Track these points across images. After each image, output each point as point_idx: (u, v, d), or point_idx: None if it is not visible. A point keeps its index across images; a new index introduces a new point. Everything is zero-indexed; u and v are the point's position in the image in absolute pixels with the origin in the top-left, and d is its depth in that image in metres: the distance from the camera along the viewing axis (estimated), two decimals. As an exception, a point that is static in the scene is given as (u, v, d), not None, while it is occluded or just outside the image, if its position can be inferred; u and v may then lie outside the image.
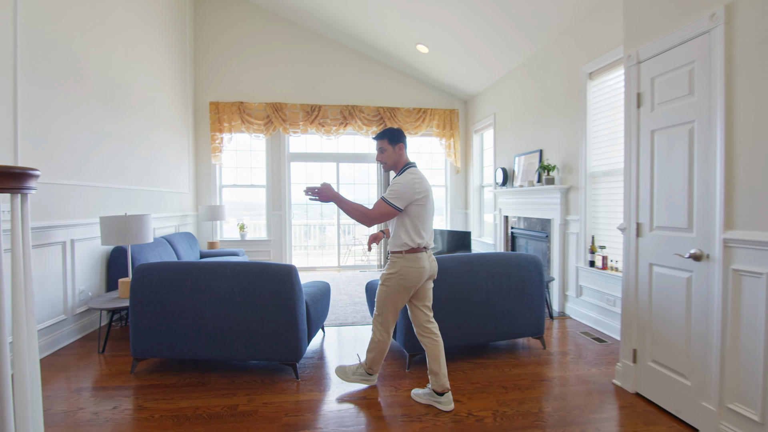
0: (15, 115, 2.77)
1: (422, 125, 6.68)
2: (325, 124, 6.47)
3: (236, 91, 6.37)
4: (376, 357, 2.50)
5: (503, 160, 5.64)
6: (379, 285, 2.40)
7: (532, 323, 3.09)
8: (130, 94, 4.34)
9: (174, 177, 5.55)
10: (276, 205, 6.58)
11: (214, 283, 2.60)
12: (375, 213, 2.29)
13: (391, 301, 2.35)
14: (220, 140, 6.26)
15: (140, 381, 2.63)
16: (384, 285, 2.36)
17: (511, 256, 3.04)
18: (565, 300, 4.21)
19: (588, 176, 3.87)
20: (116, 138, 4.06)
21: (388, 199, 2.30)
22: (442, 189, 7.17)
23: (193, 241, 5.46)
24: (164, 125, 5.24)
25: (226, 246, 6.47)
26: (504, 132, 5.63)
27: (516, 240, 5.32)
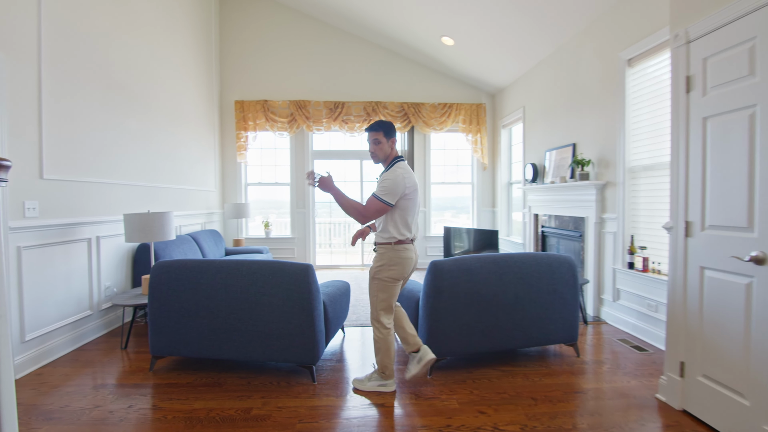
0: (39, 114, 2.81)
1: (447, 121, 6.49)
2: (349, 121, 6.38)
3: (260, 89, 6.38)
4: (383, 357, 2.42)
5: (533, 156, 5.37)
6: (371, 281, 2.39)
7: (565, 329, 2.87)
8: (155, 92, 4.38)
9: (200, 175, 5.60)
10: (300, 203, 6.56)
11: (229, 282, 2.54)
12: (369, 211, 2.30)
13: (384, 294, 2.36)
14: (245, 138, 6.29)
15: (158, 379, 2.61)
16: (375, 279, 2.36)
17: (542, 256, 2.83)
18: (601, 304, 3.93)
19: (627, 171, 3.59)
20: (141, 136, 4.10)
21: (379, 196, 2.29)
22: (468, 186, 6.95)
23: (218, 238, 5.50)
24: (190, 123, 5.29)
25: (251, 243, 6.50)
26: (534, 126, 5.37)
27: (547, 239, 5.05)
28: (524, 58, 5.23)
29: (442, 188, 6.98)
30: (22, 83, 2.66)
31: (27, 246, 2.68)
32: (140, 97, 4.08)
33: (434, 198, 6.89)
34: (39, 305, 2.80)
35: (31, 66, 2.74)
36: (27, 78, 2.71)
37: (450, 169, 6.92)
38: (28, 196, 2.71)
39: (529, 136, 5.50)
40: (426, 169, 6.70)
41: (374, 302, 2.39)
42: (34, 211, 2.74)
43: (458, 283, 2.61)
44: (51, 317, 2.91)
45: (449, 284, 2.60)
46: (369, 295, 2.41)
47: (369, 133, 2.43)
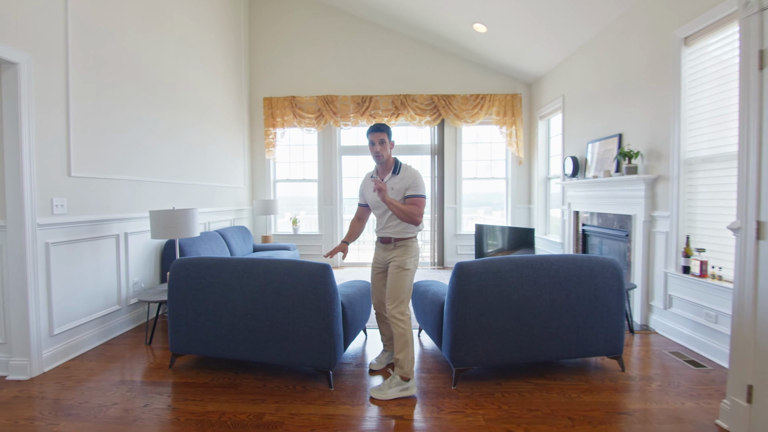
0: (67, 113, 2.84)
1: (480, 113, 6.19)
2: (377, 115, 6.22)
3: (288, 85, 6.35)
4: (409, 351, 2.37)
5: (573, 148, 5.00)
6: (400, 272, 2.45)
7: (608, 340, 2.59)
8: (183, 90, 4.41)
9: (228, 172, 5.64)
10: (327, 200, 6.49)
11: (245, 281, 2.46)
12: (422, 210, 2.45)
13: (410, 283, 2.48)
14: (273, 135, 6.28)
15: (177, 377, 2.58)
16: (405, 270, 2.45)
17: (583, 259, 2.56)
18: (650, 311, 3.57)
19: (682, 163, 3.21)
20: (169, 133, 4.14)
21: (423, 194, 2.47)
22: (502, 182, 6.62)
23: (246, 235, 5.52)
24: (218, 121, 5.32)
25: (279, 240, 6.51)
26: (574, 116, 4.99)
27: (588, 239, 4.69)
28: (564, 43, 4.86)
29: (474, 184, 6.69)
30: (48, 82, 2.70)
31: (55, 242, 2.72)
32: (168, 94, 4.11)
33: (465, 194, 6.62)
34: (68, 300, 2.85)
35: (58, 65, 2.78)
36: (54, 77, 2.74)
37: (483, 164, 6.62)
38: (57, 193, 2.75)
39: (569, 127, 5.13)
40: (457, 164, 6.44)
41: (400, 293, 2.43)
42: (62, 208, 2.78)
43: (487, 286, 2.40)
44: (80, 312, 2.96)
45: (476, 288, 2.39)
46: (391, 288, 2.44)
47: (374, 134, 2.48)
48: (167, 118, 4.10)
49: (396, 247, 2.48)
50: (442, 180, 6.36)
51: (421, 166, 6.65)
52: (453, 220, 6.47)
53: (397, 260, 2.46)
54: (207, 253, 4.22)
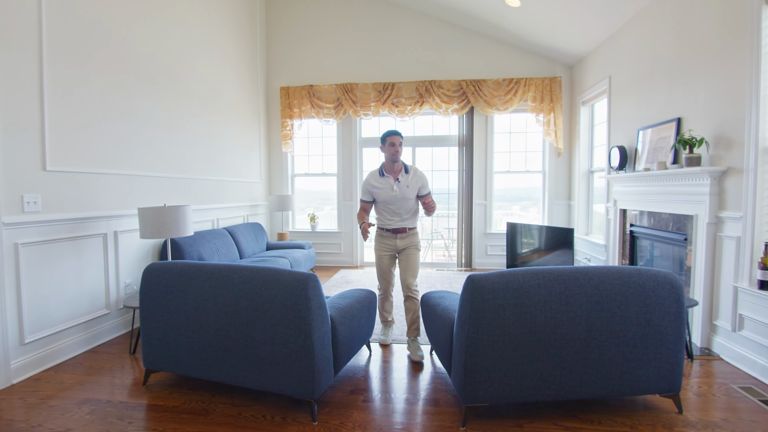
0: (41, 103, 2.61)
1: (514, 99, 5.58)
2: (399, 104, 5.77)
3: (306, 73, 6.01)
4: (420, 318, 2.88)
5: (621, 137, 4.33)
6: (417, 252, 2.97)
7: (662, 375, 2.04)
8: (187, 78, 4.16)
9: (242, 166, 5.39)
10: (347, 195, 6.12)
11: (219, 292, 2.12)
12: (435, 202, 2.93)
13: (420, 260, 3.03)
14: (290, 127, 5.98)
15: (148, 396, 2.29)
16: (419, 250, 2.99)
17: (631, 273, 2.02)
18: (713, 333, 2.94)
19: (760, 152, 2.56)
20: (171, 125, 3.90)
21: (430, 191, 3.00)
22: (538, 176, 5.98)
23: (260, 232, 5.27)
24: (229, 112, 5.07)
25: (296, 237, 6.23)
26: (622, 99, 4.31)
27: (636, 242, 4.04)
28: (610, 16, 4.19)
29: (506, 178, 6.10)
30: (17, 69, 2.46)
31: (27, 243, 2.51)
32: (170, 83, 3.87)
33: (497, 189, 6.04)
34: (43, 305, 2.64)
35: (30, 51, 2.54)
36: (25, 63, 2.51)
37: (516, 156, 6.01)
38: (28, 189, 2.53)
39: (616, 113, 4.45)
40: (488, 157, 5.87)
41: (415, 269, 2.93)
42: (35, 206, 2.57)
43: (505, 306, 1.92)
44: (59, 317, 2.76)
45: (493, 308, 1.92)
46: (413, 267, 2.92)
47: (396, 137, 2.87)
48: (169, 108, 3.86)
49: (409, 234, 2.95)
50: (471, 174, 5.82)
51: (448, 158, 6.14)
52: (483, 217, 5.93)
53: (413, 243, 2.96)
54: (209, 252, 3.96)
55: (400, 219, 2.90)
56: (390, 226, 2.91)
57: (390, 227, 2.91)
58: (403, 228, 2.90)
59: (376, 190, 2.89)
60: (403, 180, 2.86)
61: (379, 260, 2.99)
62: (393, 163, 2.87)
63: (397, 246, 2.93)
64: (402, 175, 2.88)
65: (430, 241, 6.90)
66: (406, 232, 2.92)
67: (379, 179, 2.89)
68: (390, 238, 2.93)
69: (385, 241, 2.95)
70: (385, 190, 2.86)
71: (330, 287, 4.80)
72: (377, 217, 3.02)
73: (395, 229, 2.91)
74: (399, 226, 2.90)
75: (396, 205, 2.87)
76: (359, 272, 5.64)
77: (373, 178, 2.92)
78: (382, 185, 2.87)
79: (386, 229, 2.94)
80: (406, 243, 2.92)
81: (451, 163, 6.11)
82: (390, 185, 2.86)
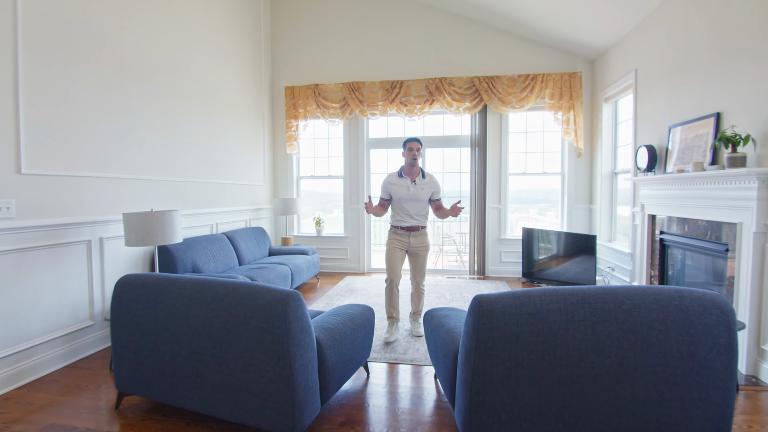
0: (16, 102, 2.43)
1: (530, 96, 5.24)
2: (408, 102, 5.49)
3: (311, 72, 5.79)
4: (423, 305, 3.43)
5: (649, 135, 3.96)
6: (427, 253, 3.28)
7: (708, 418, 1.70)
8: (184, 77, 3.98)
9: (245, 168, 5.20)
10: (353, 198, 5.87)
11: (191, 310, 1.88)
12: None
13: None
14: (295, 128, 5.77)
15: (118, 424, 2.07)
16: (429, 249, 3.29)
17: (670, 295, 1.69)
18: (761, 358, 2.56)
19: (824, 151, 2.19)
20: (166, 125, 3.71)
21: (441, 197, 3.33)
22: (556, 177, 5.62)
23: (262, 237, 5.06)
24: (231, 112, 4.88)
25: (301, 242, 6.00)
26: (651, 94, 3.94)
27: (667, 251, 3.66)
28: (636, 3, 3.83)
29: (522, 180, 5.75)
30: (-12, 62, 2.29)
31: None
32: (164, 82, 3.68)
33: (512, 192, 5.69)
34: (17, 317, 2.45)
35: (4, 47, 2.36)
36: (-3, 57, 2.33)
37: (533, 157, 5.65)
38: (1, 194, 2.34)
39: (644, 110, 4.08)
40: (502, 158, 5.53)
41: (425, 268, 3.29)
42: (8, 212, 2.38)
43: (519, 335, 1.62)
44: (36, 330, 2.57)
45: (505, 336, 1.63)
46: (422, 267, 3.27)
47: (416, 143, 3.16)
48: (164, 108, 3.68)
49: (421, 233, 3.23)
50: (484, 176, 5.50)
51: (459, 159, 5.83)
52: (497, 222, 5.59)
53: (423, 244, 3.24)
54: (205, 259, 3.76)
55: (412, 218, 3.21)
56: (404, 224, 3.21)
57: (404, 225, 3.21)
58: (416, 226, 3.22)
59: (394, 187, 3.20)
60: (419, 183, 3.19)
61: (390, 252, 3.24)
62: (411, 167, 3.20)
63: (410, 243, 3.23)
64: (419, 178, 3.20)
65: (441, 246, 6.59)
66: (419, 230, 3.24)
67: (398, 179, 3.21)
68: (404, 236, 3.22)
69: (399, 240, 3.23)
70: (401, 189, 3.18)
71: (333, 296, 4.54)
72: (392, 215, 3.30)
73: (409, 226, 3.21)
74: (413, 224, 3.21)
75: (410, 204, 3.18)
76: (365, 279, 5.37)
77: (392, 178, 3.23)
78: (399, 184, 3.19)
79: (400, 227, 3.23)
80: (418, 242, 3.23)
81: (463, 164, 5.79)
82: (406, 186, 3.17)
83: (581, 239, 4.54)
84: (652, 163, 3.72)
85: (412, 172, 3.21)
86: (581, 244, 4.52)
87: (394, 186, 3.20)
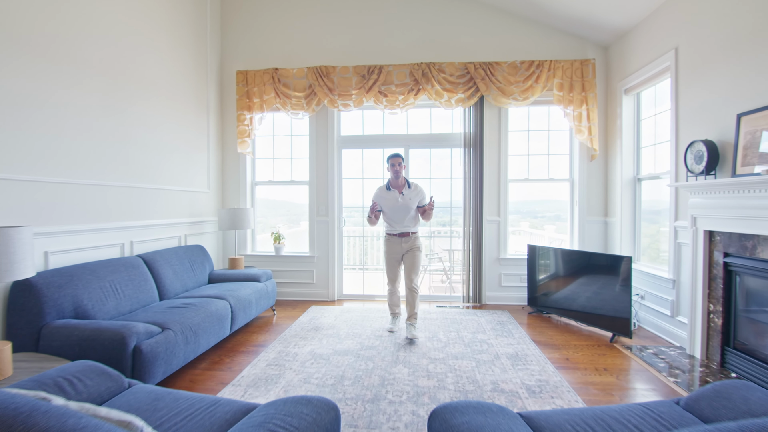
0: None
1: (535, 87, 4.35)
2: (388, 92, 4.49)
3: (270, 54, 4.73)
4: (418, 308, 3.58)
5: (699, 128, 3.09)
6: (419, 253, 3.50)
7: None
8: (82, 41, 2.83)
9: (179, 170, 4.04)
10: (321, 209, 4.79)
11: None
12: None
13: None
14: (248, 121, 4.66)
15: None
16: (420, 250, 3.52)
17: None
18: None
19: None
20: (40, 100, 2.54)
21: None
22: (565, 184, 4.72)
23: (200, 258, 3.89)
24: (160, 97, 3.73)
25: (255, 263, 4.84)
26: (701, 76, 3.08)
27: (734, 279, 2.76)
28: (684, -40, 2.99)
29: (524, 188, 4.83)
30: None
31: None
32: (40, 38, 2.53)
33: (512, 202, 4.76)
34: None
35: None
36: None
37: (537, 161, 4.75)
38: None
39: (691, 97, 3.22)
40: (501, 161, 4.60)
41: (418, 267, 3.50)
42: None
43: None
44: None
45: None
46: (415, 266, 3.47)
47: (396, 159, 3.46)
48: (38, 81, 2.52)
49: (412, 238, 3.50)
50: (480, 182, 4.54)
51: (450, 162, 4.86)
52: (495, 238, 4.63)
53: (415, 245, 3.50)
54: (99, 296, 2.59)
55: (402, 226, 3.49)
56: (395, 231, 3.50)
57: (395, 232, 3.50)
58: (407, 232, 3.49)
59: (384, 200, 3.49)
60: (407, 193, 3.47)
61: (389, 263, 3.56)
62: (396, 179, 3.50)
63: (402, 248, 3.50)
64: (405, 189, 3.49)
65: (427, 267, 5.57)
66: (410, 235, 3.50)
67: (387, 192, 3.50)
68: (396, 243, 3.50)
69: (393, 247, 3.52)
70: (391, 201, 3.47)
71: (290, 339, 3.41)
72: (386, 225, 3.58)
73: (400, 233, 3.49)
74: (404, 231, 3.49)
75: (400, 213, 3.47)
76: (335, 311, 4.27)
77: (382, 191, 3.52)
78: (388, 197, 3.48)
79: (393, 235, 3.52)
80: (409, 245, 3.49)
81: (454, 168, 4.82)
82: (395, 197, 3.46)
83: (608, 261, 3.61)
84: (712, 164, 2.83)
85: (398, 185, 3.51)
86: (608, 267, 3.59)
87: (384, 199, 3.49)
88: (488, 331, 3.59)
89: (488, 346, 3.24)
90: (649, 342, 3.39)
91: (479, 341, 3.35)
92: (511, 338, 3.42)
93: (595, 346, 3.30)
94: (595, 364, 2.93)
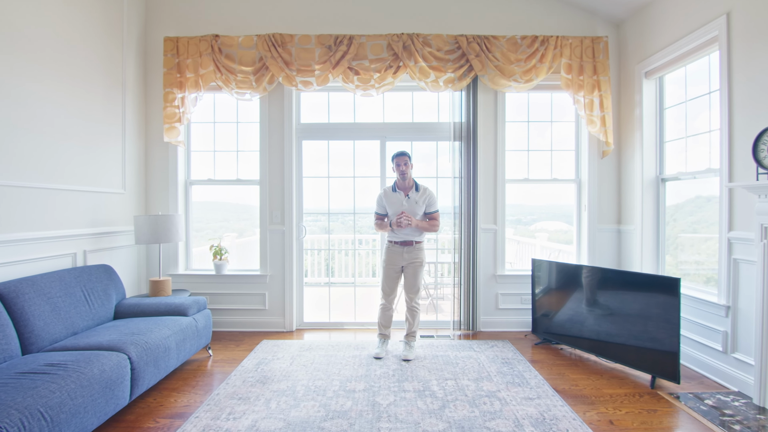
0: None
1: (539, 67, 3.58)
2: (361, 68, 3.58)
3: (209, 17, 3.71)
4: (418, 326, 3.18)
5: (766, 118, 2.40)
6: (421, 269, 3.12)
7: None
8: None
9: (78, 162, 2.94)
10: (276, 215, 3.79)
11: None
12: (439, 221, 3.20)
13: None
14: (179, 101, 3.60)
15: None
16: (423, 264, 3.14)
17: None
18: None
19: None
20: None
21: (437, 209, 3.16)
22: (571, 185, 3.98)
23: (101, 284, 2.81)
24: (48, 71, 2.64)
25: (188, 285, 3.77)
26: (765, 47, 2.39)
27: (835, 311, 2.04)
28: None
29: (525, 190, 4.06)
30: None
31: None
32: None
33: (510, 206, 3.96)
34: None
35: None
36: None
37: (538, 157, 3.98)
38: None
39: (751, 74, 2.52)
40: (498, 156, 3.80)
41: (420, 285, 3.15)
42: None
43: None
44: None
45: None
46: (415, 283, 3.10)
47: (401, 158, 3.08)
48: None
49: (415, 248, 3.09)
50: (474, 183, 3.71)
51: (436, 156, 4.01)
52: (491, 250, 3.81)
53: (418, 259, 3.10)
54: None
55: (405, 232, 3.08)
56: (397, 239, 3.10)
57: (397, 240, 3.10)
58: (410, 241, 3.08)
59: (388, 203, 3.15)
60: (413, 196, 3.11)
61: (387, 274, 3.13)
62: (403, 181, 3.13)
63: (404, 259, 3.10)
64: (412, 192, 3.13)
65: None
66: (413, 245, 3.09)
67: (392, 193, 3.15)
68: (398, 253, 3.10)
69: (393, 257, 3.12)
70: (395, 203, 3.12)
71: (223, 404, 2.40)
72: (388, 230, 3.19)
73: (403, 241, 3.09)
74: (407, 239, 3.08)
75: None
76: (293, 348, 3.29)
77: (387, 192, 3.18)
78: (393, 199, 3.13)
79: (395, 242, 3.11)
80: (411, 257, 3.09)
81: (441, 165, 3.98)
82: (400, 200, 3.11)
83: (646, 282, 2.85)
84: (800, 157, 2.12)
85: (405, 186, 3.14)
86: (644, 289, 2.84)
87: (389, 201, 3.14)
88: (494, 377, 2.75)
89: (501, 403, 2.38)
90: (698, 386, 2.66)
91: (487, 395, 2.49)
92: (526, 387, 2.59)
93: (634, 395, 2.52)
94: (650, 428, 2.14)
